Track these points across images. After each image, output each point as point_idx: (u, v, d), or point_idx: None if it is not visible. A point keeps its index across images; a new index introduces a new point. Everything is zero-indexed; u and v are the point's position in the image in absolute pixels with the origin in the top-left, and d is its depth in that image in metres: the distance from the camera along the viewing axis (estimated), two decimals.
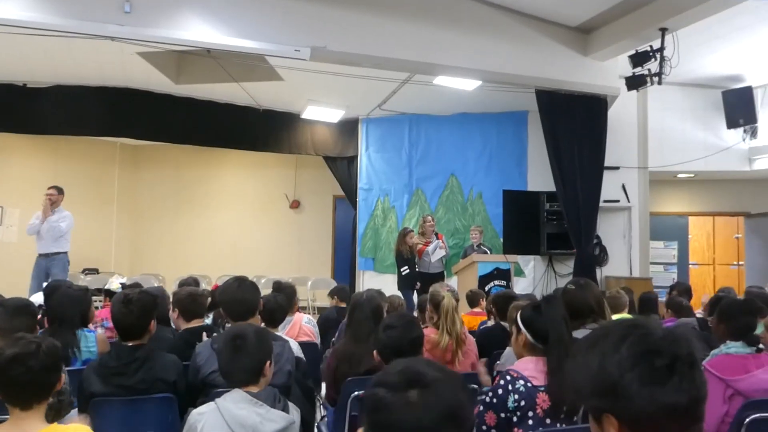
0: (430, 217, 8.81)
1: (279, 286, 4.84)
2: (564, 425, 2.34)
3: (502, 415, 2.35)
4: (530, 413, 2.34)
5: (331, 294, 6.06)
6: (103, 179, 11.34)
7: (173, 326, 3.94)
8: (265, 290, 4.14)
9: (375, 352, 2.68)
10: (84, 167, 10.96)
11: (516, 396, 2.36)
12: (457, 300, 3.85)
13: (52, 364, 2.02)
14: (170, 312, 3.73)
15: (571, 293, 3.28)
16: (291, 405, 2.42)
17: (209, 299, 4.75)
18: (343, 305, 5.59)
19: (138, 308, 2.89)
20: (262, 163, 11.51)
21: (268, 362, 2.41)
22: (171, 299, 4.06)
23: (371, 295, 3.57)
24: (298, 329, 4.70)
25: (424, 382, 1.22)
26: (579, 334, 2.78)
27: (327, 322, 5.39)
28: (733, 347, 2.96)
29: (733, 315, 3.07)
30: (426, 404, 1.20)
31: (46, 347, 2.02)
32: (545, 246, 8.72)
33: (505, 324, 3.91)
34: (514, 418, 2.36)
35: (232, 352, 2.36)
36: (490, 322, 4.68)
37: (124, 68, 8.01)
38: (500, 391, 2.37)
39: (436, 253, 8.51)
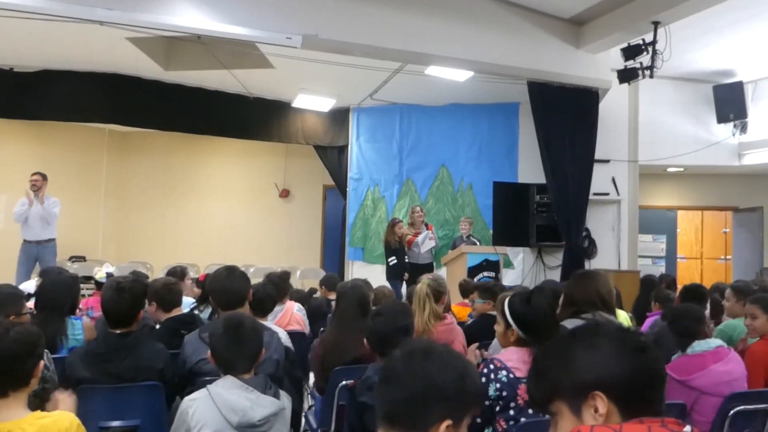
0: (419, 208, 8.87)
1: (271, 278, 4.85)
2: (547, 416, 2.36)
3: (485, 402, 2.37)
4: (512, 404, 2.37)
5: (321, 284, 6.06)
6: (91, 166, 11.25)
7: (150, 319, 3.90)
8: (255, 279, 4.15)
9: (365, 340, 2.69)
10: (72, 154, 10.87)
11: (498, 385, 2.38)
12: (442, 291, 3.83)
13: (25, 351, 1.93)
14: (146, 306, 3.67)
15: (573, 283, 3.28)
16: (282, 392, 2.45)
17: (196, 289, 4.71)
18: (332, 296, 5.56)
19: (131, 296, 2.90)
20: (252, 151, 11.49)
21: (263, 350, 2.46)
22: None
23: (356, 284, 3.59)
24: (290, 317, 4.70)
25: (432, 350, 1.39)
26: (570, 324, 2.78)
27: (316, 312, 5.42)
28: (698, 347, 3.01)
29: (676, 319, 3.15)
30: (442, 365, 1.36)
31: (16, 333, 1.94)
32: (535, 238, 8.75)
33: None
34: (497, 408, 2.38)
35: (233, 341, 2.38)
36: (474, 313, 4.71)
37: (113, 53, 7.94)
38: (483, 380, 2.39)
39: (425, 243, 8.57)
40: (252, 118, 9.62)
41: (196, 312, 3.98)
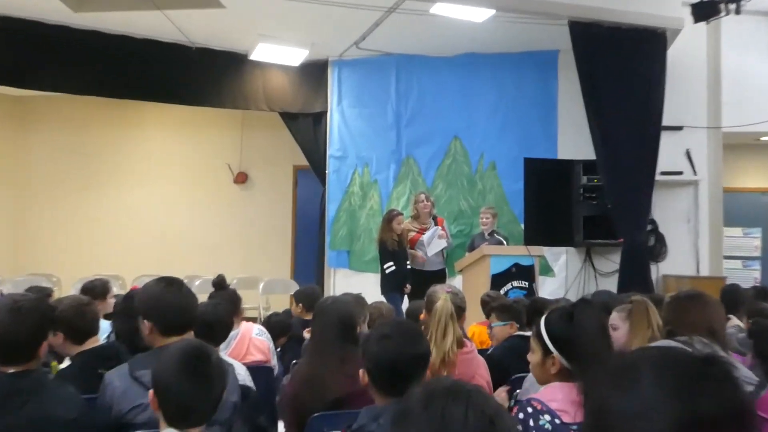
0: (424, 196, 8.84)
1: (222, 281, 4.99)
2: None
3: None
4: None
5: (296, 300, 6.11)
6: None
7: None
8: (201, 295, 4.12)
9: (361, 371, 2.69)
10: None
11: None
12: (462, 308, 3.89)
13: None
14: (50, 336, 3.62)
15: (673, 310, 3.36)
16: None
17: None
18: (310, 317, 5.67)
19: (31, 321, 2.86)
20: (196, 122, 11.51)
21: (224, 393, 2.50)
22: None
23: (339, 300, 3.66)
24: (247, 345, 4.73)
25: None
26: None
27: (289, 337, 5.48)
28: None
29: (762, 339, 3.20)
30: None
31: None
32: (581, 234, 8.79)
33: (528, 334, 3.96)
34: None
35: (194, 381, 2.38)
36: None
37: None
38: (519, 428, 2.37)
39: (434, 243, 8.56)
40: (195, 77, 9.62)
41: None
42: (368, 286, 8.35)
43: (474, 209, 9.34)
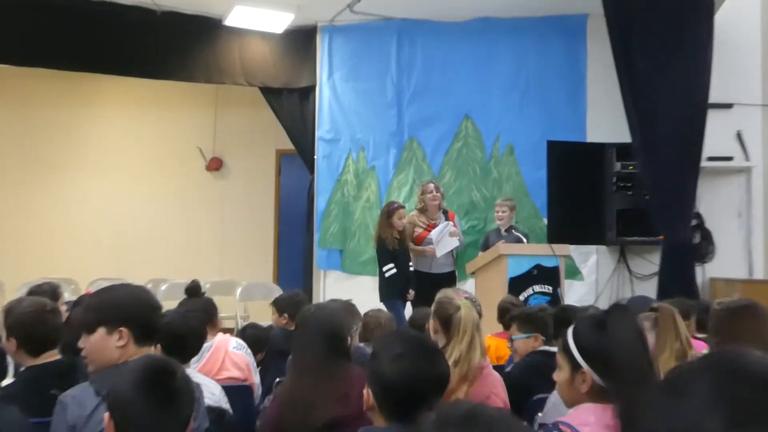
0: (433, 186, 8.82)
1: (196, 287, 5.07)
2: None
3: None
4: None
5: (278, 308, 6.11)
6: None
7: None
8: (168, 302, 4.07)
9: (365, 392, 2.71)
10: None
11: None
12: (480, 316, 3.87)
13: None
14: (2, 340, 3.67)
15: (725, 320, 3.41)
16: None
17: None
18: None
19: None
20: (162, 99, 11.53)
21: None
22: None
23: (324, 308, 3.73)
24: (222, 360, 4.72)
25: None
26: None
27: (270, 351, 5.52)
28: None
29: None
30: None
31: None
32: (614, 230, 8.80)
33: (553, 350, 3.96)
34: None
35: (159, 402, 2.38)
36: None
37: None
38: None
39: (444, 242, 8.54)
40: (161, 47, 9.63)
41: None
42: (364, 292, 8.48)
43: (488, 201, 9.35)
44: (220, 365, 4.66)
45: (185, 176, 11.86)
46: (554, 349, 3.85)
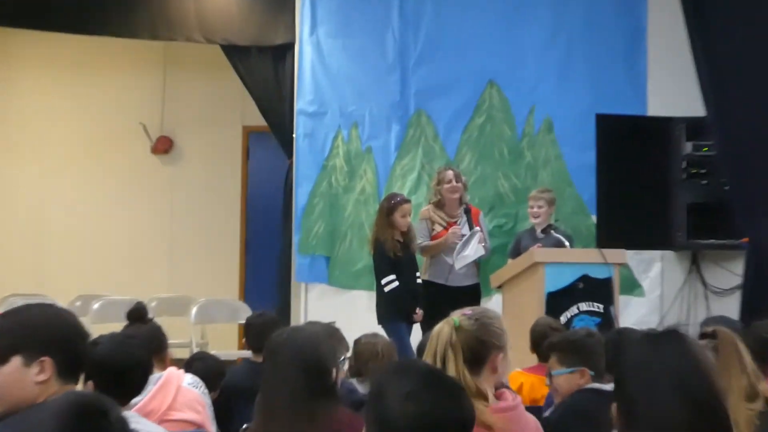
0: (452, 173, 8.76)
1: (140, 311, 5.17)
2: None
3: None
4: None
5: (246, 339, 6.24)
6: None
7: None
8: (103, 325, 4.34)
9: None
10: None
11: None
12: (486, 341, 3.65)
13: None
14: None
15: None
16: None
17: None
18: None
19: None
20: (95, 61, 11.75)
21: None
22: None
23: (299, 332, 3.76)
24: (173, 398, 4.60)
25: None
26: None
27: (233, 390, 5.61)
28: None
29: None
30: None
31: None
32: (685, 231, 8.78)
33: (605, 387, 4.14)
34: None
35: None
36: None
37: None
38: None
39: (471, 248, 8.40)
40: None
41: None
42: (358, 311, 8.74)
43: (519, 193, 9.37)
44: (169, 404, 4.54)
45: (124, 161, 11.92)
46: (607, 386, 4.24)
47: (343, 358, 4.80)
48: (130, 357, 3.93)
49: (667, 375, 2.46)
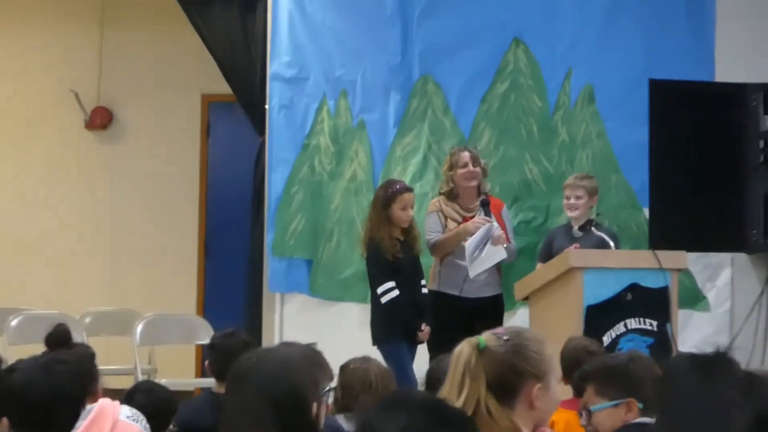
0: (468, 154, 8.76)
1: (61, 335, 5.53)
2: None
3: None
4: None
5: (210, 364, 6.42)
6: None
7: None
8: (21, 347, 4.39)
9: None
10: None
11: None
12: (518, 367, 3.62)
13: None
14: None
15: None
16: None
17: None
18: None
19: None
20: (14, 16, 11.99)
21: None
22: None
23: (271, 356, 3.67)
24: None
25: None
26: None
27: (189, 428, 5.73)
28: None
29: None
30: None
31: None
32: (761, 229, 8.80)
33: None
34: None
35: None
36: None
37: None
38: None
39: (486, 254, 8.43)
40: None
41: None
42: (346, 329, 8.91)
43: (552, 180, 9.44)
44: None
45: (51, 139, 12.19)
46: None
47: (326, 389, 4.25)
48: (56, 387, 3.91)
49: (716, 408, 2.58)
